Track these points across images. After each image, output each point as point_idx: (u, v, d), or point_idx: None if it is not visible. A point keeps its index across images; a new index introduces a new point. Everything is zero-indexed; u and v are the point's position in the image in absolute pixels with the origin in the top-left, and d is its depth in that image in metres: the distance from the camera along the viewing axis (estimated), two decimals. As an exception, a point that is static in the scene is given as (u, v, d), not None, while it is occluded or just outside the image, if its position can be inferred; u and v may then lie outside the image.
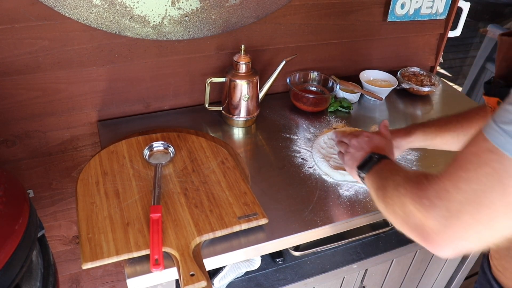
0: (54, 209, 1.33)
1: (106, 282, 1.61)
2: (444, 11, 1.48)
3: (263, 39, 1.28)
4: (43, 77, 1.07)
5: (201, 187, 0.93)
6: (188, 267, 0.75)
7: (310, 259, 1.14)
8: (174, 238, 0.80)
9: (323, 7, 1.30)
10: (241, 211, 0.87)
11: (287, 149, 1.14)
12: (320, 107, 1.31)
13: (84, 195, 0.89)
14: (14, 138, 1.14)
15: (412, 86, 1.45)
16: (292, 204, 0.96)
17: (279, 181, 1.03)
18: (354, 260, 1.14)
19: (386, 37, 1.49)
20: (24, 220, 0.78)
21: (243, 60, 1.13)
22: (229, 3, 1.13)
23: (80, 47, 1.07)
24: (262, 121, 1.26)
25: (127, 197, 0.89)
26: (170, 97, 1.27)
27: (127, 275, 0.78)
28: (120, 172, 0.96)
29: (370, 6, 1.37)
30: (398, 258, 1.25)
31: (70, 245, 1.44)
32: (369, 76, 1.47)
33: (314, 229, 0.91)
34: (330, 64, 1.46)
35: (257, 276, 1.10)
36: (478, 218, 0.52)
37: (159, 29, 1.10)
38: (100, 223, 0.83)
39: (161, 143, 1.04)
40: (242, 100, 1.17)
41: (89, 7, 0.99)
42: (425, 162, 1.13)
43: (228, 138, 1.18)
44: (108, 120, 1.22)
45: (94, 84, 1.15)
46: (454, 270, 1.53)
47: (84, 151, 1.26)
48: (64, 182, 1.29)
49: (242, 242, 0.86)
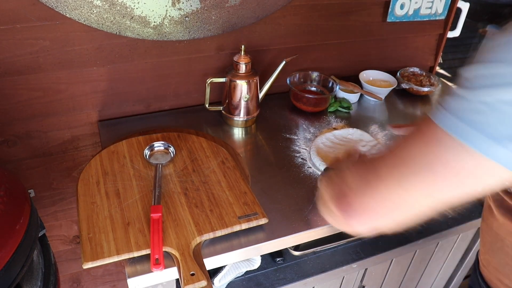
0: (55, 208, 1.33)
1: (106, 282, 1.61)
2: (444, 12, 1.49)
3: (263, 39, 1.28)
4: (44, 77, 1.08)
5: (202, 187, 0.94)
6: (189, 266, 0.75)
7: (310, 258, 1.14)
8: (175, 238, 0.81)
9: (323, 7, 1.30)
10: (241, 211, 0.88)
11: (287, 149, 1.15)
12: (320, 107, 1.31)
13: (84, 195, 0.89)
14: (15, 138, 1.15)
15: (412, 86, 1.45)
16: (292, 204, 0.97)
17: (279, 181, 1.03)
18: (353, 260, 1.15)
19: (386, 37, 1.49)
20: (25, 220, 0.78)
21: (243, 60, 1.14)
22: (229, 3, 1.13)
23: (81, 48, 1.07)
24: (262, 121, 1.27)
25: (128, 197, 0.89)
26: (171, 97, 1.27)
27: (127, 274, 0.78)
28: (121, 172, 0.96)
29: (370, 6, 1.38)
30: (398, 258, 1.25)
31: (71, 244, 1.44)
32: (369, 76, 1.48)
33: (314, 229, 0.91)
34: (330, 64, 1.46)
35: (257, 275, 1.10)
36: (393, 174, 0.51)
37: (159, 29, 1.10)
38: (101, 222, 0.83)
39: (162, 143, 1.04)
40: (242, 100, 1.18)
41: (89, 7, 1.00)
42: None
43: (228, 138, 1.19)
44: (109, 120, 1.22)
45: (95, 85, 1.15)
46: (454, 270, 1.53)
47: (84, 151, 1.26)
48: (64, 182, 1.29)
49: (242, 241, 0.86)
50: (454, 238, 1.34)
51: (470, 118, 0.44)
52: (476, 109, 0.43)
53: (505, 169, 0.44)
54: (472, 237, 1.40)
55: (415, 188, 0.49)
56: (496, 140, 0.42)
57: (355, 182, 0.57)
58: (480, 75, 0.44)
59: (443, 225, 1.27)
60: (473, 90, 0.44)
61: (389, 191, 0.52)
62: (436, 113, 0.47)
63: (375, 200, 0.53)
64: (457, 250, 1.42)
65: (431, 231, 1.24)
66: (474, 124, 0.43)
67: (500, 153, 0.43)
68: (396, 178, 0.50)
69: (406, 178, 0.50)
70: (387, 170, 0.52)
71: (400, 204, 0.52)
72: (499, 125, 0.42)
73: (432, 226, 1.26)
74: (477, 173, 0.45)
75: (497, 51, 0.44)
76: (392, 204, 0.52)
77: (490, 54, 0.44)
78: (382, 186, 0.52)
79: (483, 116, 0.43)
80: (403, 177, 0.50)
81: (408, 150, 0.50)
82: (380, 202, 0.53)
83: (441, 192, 0.48)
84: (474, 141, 0.43)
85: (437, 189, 0.48)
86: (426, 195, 0.49)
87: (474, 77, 0.45)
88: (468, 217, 1.30)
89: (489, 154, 0.43)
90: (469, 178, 0.46)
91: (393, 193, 0.51)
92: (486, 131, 0.43)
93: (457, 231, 1.29)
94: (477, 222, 1.30)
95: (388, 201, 0.52)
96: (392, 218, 0.54)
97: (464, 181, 0.46)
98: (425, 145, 0.48)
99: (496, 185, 0.47)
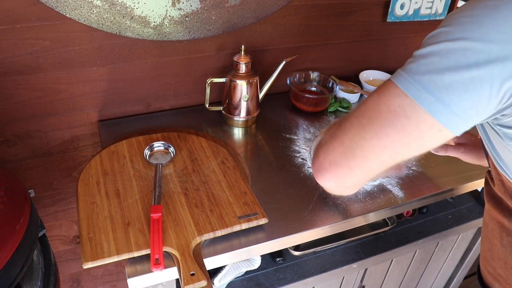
0: (55, 208, 1.33)
1: (106, 282, 1.61)
2: (444, 12, 1.49)
3: (263, 39, 1.28)
4: (44, 77, 1.08)
5: (202, 187, 0.94)
6: (189, 266, 0.75)
7: (310, 258, 1.14)
8: (175, 238, 0.81)
9: (323, 7, 1.30)
10: (241, 211, 0.88)
11: (287, 149, 1.15)
12: (320, 107, 1.31)
13: (84, 195, 0.89)
14: (15, 138, 1.15)
15: (412, 86, 1.45)
16: (292, 204, 0.97)
17: (279, 181, 1.03)
18: (353, 260, 1.15)
19: (386, 37, 1.49)
20: (25, 220, 0.78)
21: (243, 60, 1.14)
22: (229, 3, 1.13)
23: (81, 48, 1.07)
24: (262, 121, 1.27)
25: (128, 197, 0.89)
26: (171, 97, 1.27)
27: (127, 274, 0.78)
28: (121, 172, 0.96)
29: (370, 6, 1.38)
30: (398, 258, 1.25)
31: (71, 244, 1.44)
32: (369, 76, 1.48)
33: (314, 229, 0.91)
34: (330, 64, 1.46)
35: (257, 275, 1.10)
36: (353, 124, 0.57)
37: (159, 29, 1.10)
38: (101, 222, 0.83)
39: (162, 143, 1.04)
40: (242, 100, 1.18)
41: (89, 7, 1.00)
42: (425, 161, 1.13)
43: (228, 138, 1.19)
44: (109, 120, 1.22)
45: (95, 84, 1.15)
46: (454, 270, 1.53)
47: (84, 151, 1.26)
48: (65, 182, 1.29)
49: (242, 241, 0.86)
50: (454, 238, 1.34)
51: (421, 79, 0.49)
52: (428, 71, 0.49)
53: (444, 128, 0.49)
54: (472, 237, 1.40)
55: (372, 136, 0.54)
56: (440, 100, 0.48)
57: (325, 138, 0.62)
58: (435, 44, 0.50)
59: (443, 225, 1.27)
60: (426, 56, 0.50)
61: (351, 141, 0.57)
62: (396, 74, 0.53)
63: (340, 153, 0.58)
64: (457, 250, 1.42)
65: (431, 231, 1.24)
66: (424, 84, 0.49)
67: (442, 112, 0.48)
68: (356, 128, 0.56)
69: (364, 128, 0.55)
70: (349, 122, 0.57)
71: (363, 157, 0.56)
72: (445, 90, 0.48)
73: (432, 226, 1.26)
74: (421, 127, 0.51)
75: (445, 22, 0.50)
76: (355, 157, 0.57)
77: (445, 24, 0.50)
78: (345, 138, 0.57)
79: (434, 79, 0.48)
80: (362, 127, 0.55)
81: (366, 103, 0.55)
82: (344, 155, 0.58)
83: (394, 143, 0.53)
84: (418, 96, 0.49)
85: (391, 140, 0.53)
86: (382, 147, 0.54)
87: (430, 42, 0.51)
88: (468, 217, 1.30)
89: (432, 111, 0.49)
90: (415, 132, 0.51)
91: (355, 145, 0.56)
92: (434, 93, 0.48)
93: (457, 231, 1.29)
94: (477, 222, 1.30)
95: (351, 153, 0.57)
96: (355, 173, 0.58)
97: (410, 134, 0.52)
98: (380, 98, 0.53)
99: (438, 141, 0.53)
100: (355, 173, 0.59)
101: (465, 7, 0.50)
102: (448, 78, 0.48)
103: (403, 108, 0.51)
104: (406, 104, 0.50)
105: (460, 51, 0.47)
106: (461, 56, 0.47)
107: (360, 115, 0.56)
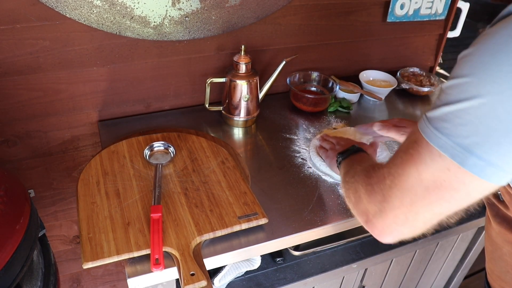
0: (55, 208, 1.33)
1: (106, 282, 1.61)
2: (444, 12, 1.49)
3: (263, 39, 1.28)
4: (44, 77, 1.08)
5: (201, 187, 0.94)
6: (189, 266, 0.75)
7: (310, 258, 1.14)
8: (175, 238, 0.81)
9: (323, 7, 1.30)
10: (241, 211, 0.88)
11: (287, 149, 1.15)
12: (320, 107, 1.31)
13: (84, 195, 0.89)
14: (15, 138, 1.15)
15: (412, 86, 1.45)
16: (292, 204, 0.97)
17: (279, 181, 1.03)
18: (353, 260, 1.15)
19: (386, 37, 1.49)
20: (25, 220, 0.78)
21: (243, 60, 1.14)
22: (229, 3, 1.13)
23: (81, 48, 1.07)
24: (262, 121, 1.27)
25: (128, 197, 0.89)
26: (171, 97, 1.27)
27: (127, 274, 0.78)
28: (121, 172, 0.96)
29: (370, 6, 1.38)
30: (398, 258, 1.25)
31: (71, 244, 1.44)
32: (369, 76, 1.48)
33: (314, 229, 0.91)
34: (330, 64, 1.46)
35: (257, 275, 1.10)
36: (404, 202, 0.55)
37: (159, 29, 1.10)
38: (101, 222, 0.83)
39: (162, 143, 1.04)
40: (242, 100, 1.18)
41: (89, 7, 1.00)
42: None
43: (228, 138, 1.19)
44: (109, 120, 1.22)
45: (95, 85, 1.15)
46: (454, 270, 1.53)
47: (84, 151, 1.26)
48: (64, 182, 1.29)
49: (242, 241, 0.86)
50: (454, 238, 1.34)
51: (463, 142, 0.47)
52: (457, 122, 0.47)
53: (495, 185, 0.48)
54: (472, 237, 1.40)
55: (423, 210, 0.54)
56: (467, 149, 0.46)
57: (371, 203, 0.60)
58: (451, 87, 0.48)
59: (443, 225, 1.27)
60: (443, 104, 0.48)
61: (406, 216, 0.56)
62: (429, 133, 0.50)
63: (396, 222, 0.58)
64: (457, 250, 1.42)
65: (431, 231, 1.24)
66: (467, 148, 0.46)
67: (495, 174, 0.46)
68: (407, 207, 0.55)
69: (414, 205, 0.54)
70: (398, 200, 0.56)
71: (413, 221, 0.57)
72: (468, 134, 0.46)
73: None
74: (472, 195, 0.50)
75: (463, 66, 0.48)
76: (411, 226, 0.57)
77: (459, 69, 0.49)
78: (398, 212, 0.56)
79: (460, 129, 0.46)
80: (411, 205, 0.54)
81: (407, 178, 0.54)
82: (401, 226, 0.58)
83: (441, 208, 0.53)
84: (466, 163, 0.47)
85: (439, 207, 0.53)
86: (432, 213, 0.55)
87: (447, 89, 0.49)
88: (468, 217, 1.30)
89: (485, 176, 0.47)
90: (457, 193, 0.50)
91: (411, 218, 0.56)
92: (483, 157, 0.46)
93: (457, 231, 1.29)
94: (477, 222, 1.30)
95: (405, 221, 0.57)
96: (413, 231, 0.59)
97: (454, 196, 0.51)
98: (418, 171, 0.52)
99: (480, 195, 0.51)
100: (413, 231, 0.60)
101: (491, 52, 0.48)
102: (496, 139, 0.45)
103: (449, 180, 0.50)
104: (451, 174, 0.49)
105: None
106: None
107: (406, 188, 0.55)
